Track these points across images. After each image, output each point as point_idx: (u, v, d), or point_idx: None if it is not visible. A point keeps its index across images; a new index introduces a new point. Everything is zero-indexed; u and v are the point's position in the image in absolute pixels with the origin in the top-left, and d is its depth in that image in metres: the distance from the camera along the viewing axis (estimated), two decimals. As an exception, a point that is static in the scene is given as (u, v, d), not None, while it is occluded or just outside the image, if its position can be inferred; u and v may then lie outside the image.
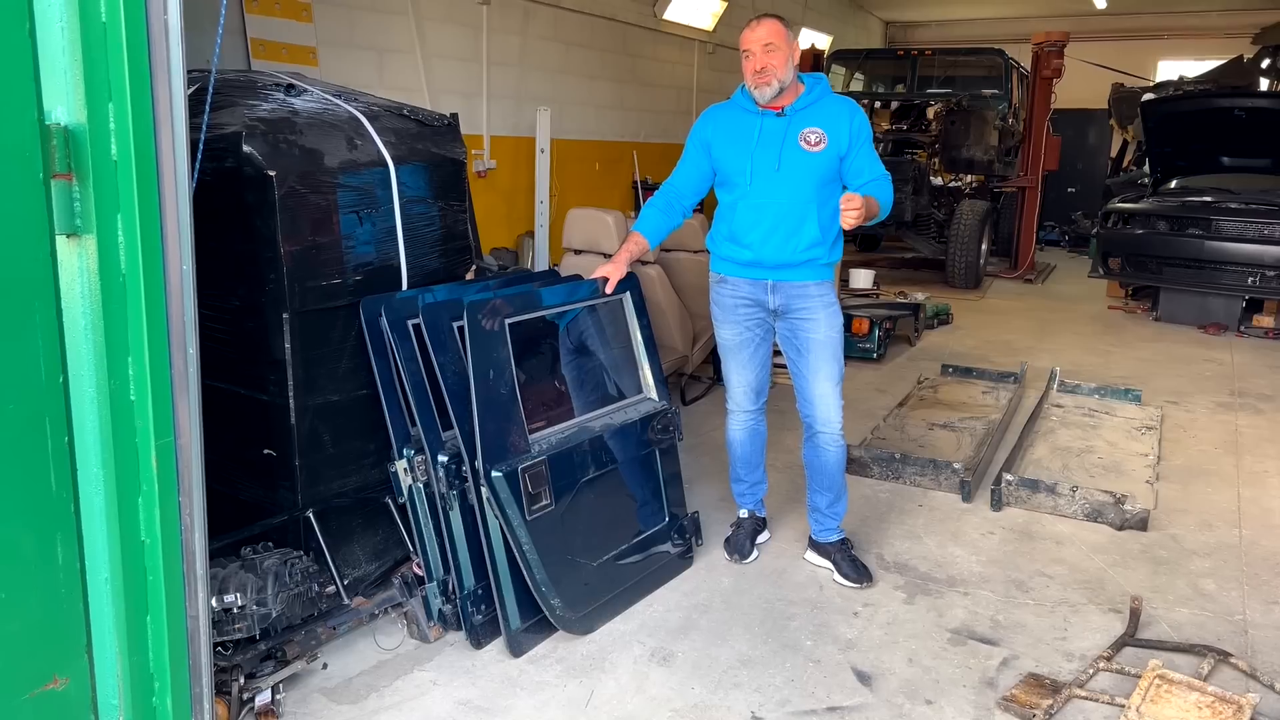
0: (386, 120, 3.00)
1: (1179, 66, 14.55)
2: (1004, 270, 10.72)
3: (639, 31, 9.74)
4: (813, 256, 3.08)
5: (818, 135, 3.01)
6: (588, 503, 2.93)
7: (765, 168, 3.04)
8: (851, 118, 3.06)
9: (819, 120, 3.02)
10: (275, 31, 5.74)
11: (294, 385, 2.73)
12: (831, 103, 3.07)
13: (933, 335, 7.45)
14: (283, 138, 2.66)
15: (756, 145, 3.05)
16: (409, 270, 3.01)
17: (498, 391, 2.70)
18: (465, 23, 7.46)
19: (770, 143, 3.04)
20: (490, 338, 2.71)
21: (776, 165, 3.03)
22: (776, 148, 3.02)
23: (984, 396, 5.59)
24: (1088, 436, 4.89)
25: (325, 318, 2.79)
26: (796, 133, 3.01)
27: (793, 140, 3.01)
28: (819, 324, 3.15)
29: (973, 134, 9.88)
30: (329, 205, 2.74)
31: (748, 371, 3.33)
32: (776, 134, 3.03)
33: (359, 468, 2.96)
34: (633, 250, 3.22)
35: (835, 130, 3.02)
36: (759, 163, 3.05)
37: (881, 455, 4.19)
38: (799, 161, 3.01)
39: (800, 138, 3.00)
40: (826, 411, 3.21)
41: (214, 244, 2.74)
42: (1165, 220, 8.01)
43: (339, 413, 2.88)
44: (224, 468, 2.96)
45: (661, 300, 4.99)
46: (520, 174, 8.24)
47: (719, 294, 3.30)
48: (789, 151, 3.01)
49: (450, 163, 3.16)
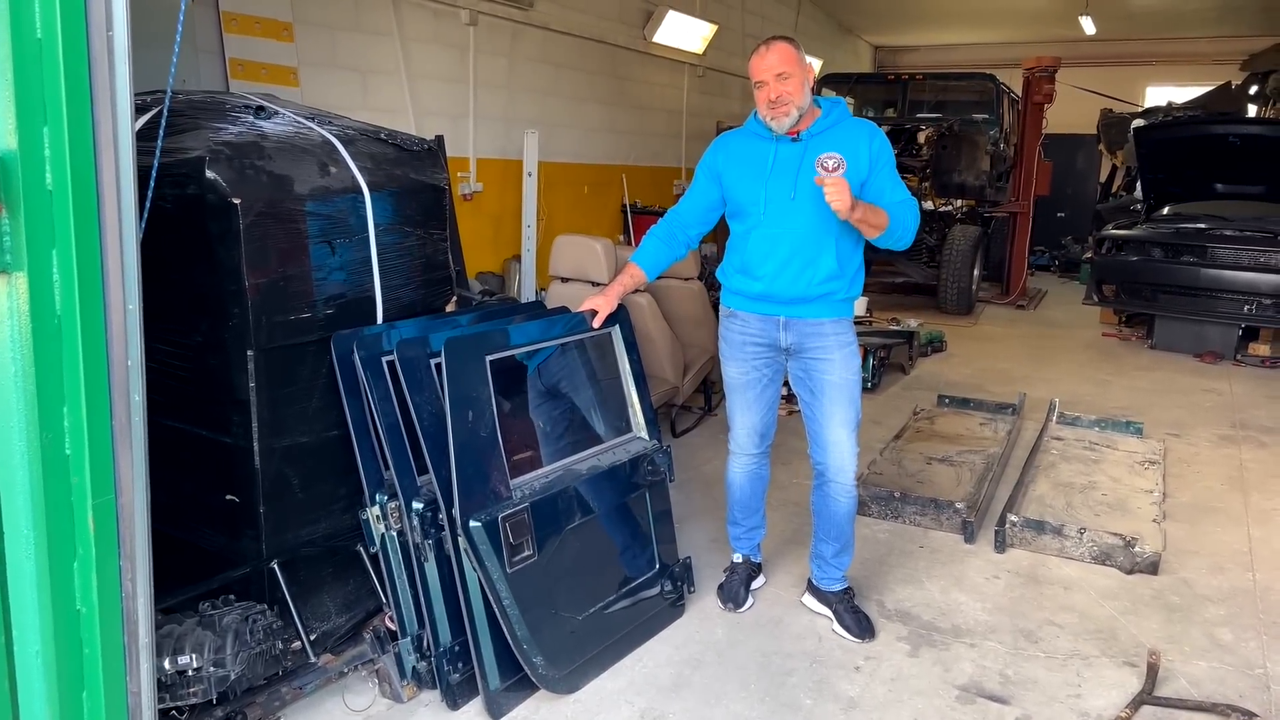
0: (362, 145, 2.84)
1: (1167, 92, 14.59)
2: (996, 296, 10.62)
3: (628, 54, 9.64)
4: (829, 291, 2.92)
5: (836, 160, 2.83)
6: (573, 551, 2.75)
7: (780, 196, 2.88)
8: (871, 140, 2.88)
9: (837, 145, 2.85)
10: (255, 51, 5.58)
11: (258, 426, 2.55)
12: (850, 126, 2.91)
13: (927, 363, 7.32)
14: (249, 163, 2.49)
15: (771, 173, 2.89)
16: (385, 303, 2.84)
17: (477, 434, 2.52)
18: (451, 44, 7.33)
19: (785, 170, 2.88)
20: (469, 376, 2.54)
21: (792, 193, 2.87)
22: (792, 175, 2.87)
23: (982, 428, 5.45)
24: (1090, 471, 4.75)
25: (294, 354, 2.62)
26: (813, 158, 2.84)
27: (809, 166, 2.84)
28: (834, 365, 2.98)
29: (964, 159, 9.80)
30: (298, 235, 2.57)
31: (752, 413, 3.16)
32: (792, 160, 2.87)
33: (329, 513, 2.77)
34: (626, 283, 3.06)
35: (854, 154, 2.85)
36: (773, 191, 2.89)
37: (880, 494, 4.03)
38: (816, 189, 2.84)
39: (817, 163, 2.82)
40: (840, 459, 3.03)
41: (175, 276, 2.58)
42: (1160, 247, 7.92)
43: (308, 455, 2.70)
44: (185, 514, 2.77)
45: (652, 329, 4.84)
46: (508, 197, 8.09)
47: (727, 329, 3.13)
48: (805, 178, 2.85)
49: (430, 189, 3.00)
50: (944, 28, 15.42)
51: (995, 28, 14.94)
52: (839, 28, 15.65)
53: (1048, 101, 10.02)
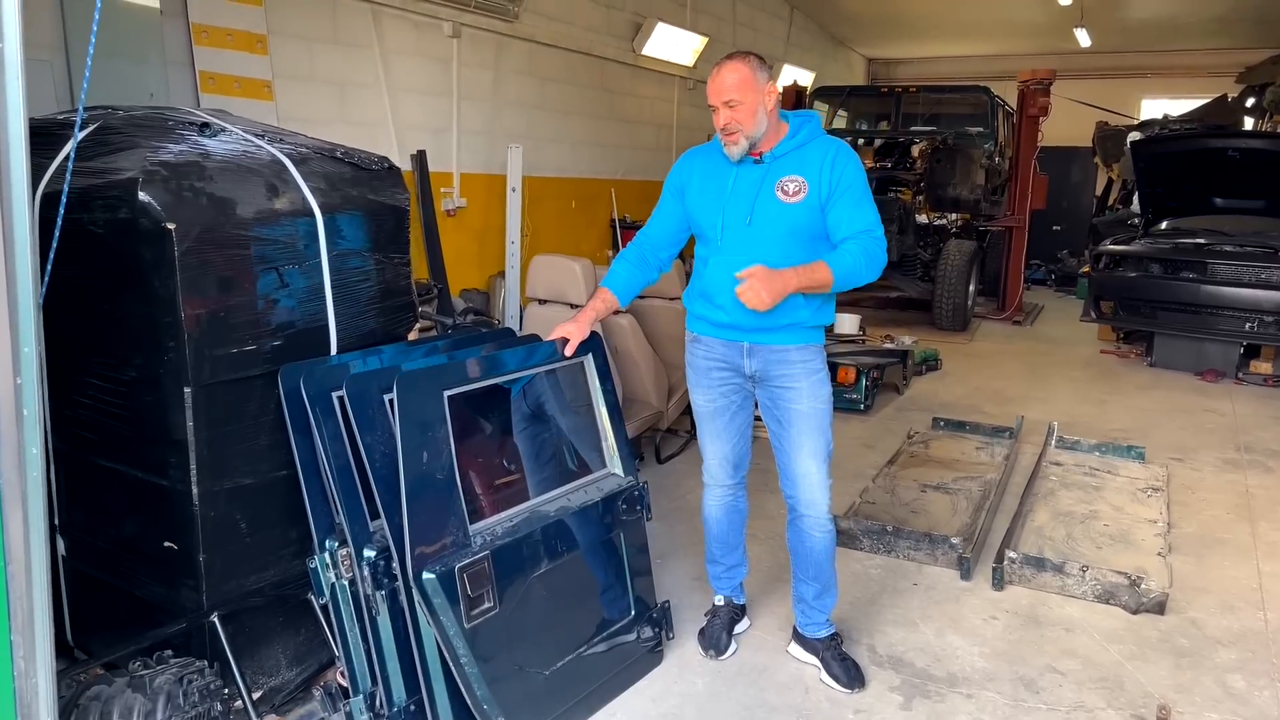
0: (316, 164, 2.66)
1: (1163, 105, 14.47)
2: (991, 311, 10.45)
3: (617, 67, 9.48)
4: (795, 321, 2.74)
5: (797, 184, 2.66)
6: (540, 601, 2.55)
7: (736, 220, 2.71)
8: (834, 162, 2.66)
9: (801, 166, 2.67)
10: (227, 64, 5.40)
11: (197, 468, 2.36)
12: (818, 146, 2.71)
13: (921, 383, 7.14)
14: (188, 184, 2.31)
15: (730, 195, 2.72)
16: (339, 332, 2.66)
17: (432, 477, 2.33)
18: (434, 56, 7.17)
19: (744, 193, 2.70)
20: (425, 414, 2.35)
21: (748, 218, 2.69)
22: (750, 198, 2.69)
23: (978, 453, 5.26)
24: (1090, 499, 4.56)
25: (237, 389, 2.43)
26: (774, 181, 2.67)
27: (768, 190, 2.67)
28: (801, 394, 2.81)
29: (959, 172, 9.65)
30: (242, 261, 2.39)
31: (723, 441, 2.98)
32: (751, 183, 2.70)
33: (278, 559, 2.58)
34: (599, 309, 2.87)
35: (815, 176, 2.67)
36: (730, 215, 2.71)
37: (872, 528, 3.83)
38: (773, 214, 2.67)
39: (777, 187, 2.66)
40: (811, 493, 2.85)
41: (107, 306, 2.40)
42: (1159, 263, 7.75)
43: (255, 497, 2.51)
44: (122, 561, 2.59)
45: (634, 351, 4.66)
46: (492, 213, 7.92)
47: (693, 355, 2.96)
48: (763, 202, 2.67)
49: (390, 210, 2.82)
50: (938, 40, 15.30)
51: (989, 40, 14.83)
52: (831, 40, 15.53)
53: (1043, 114, 9.87)
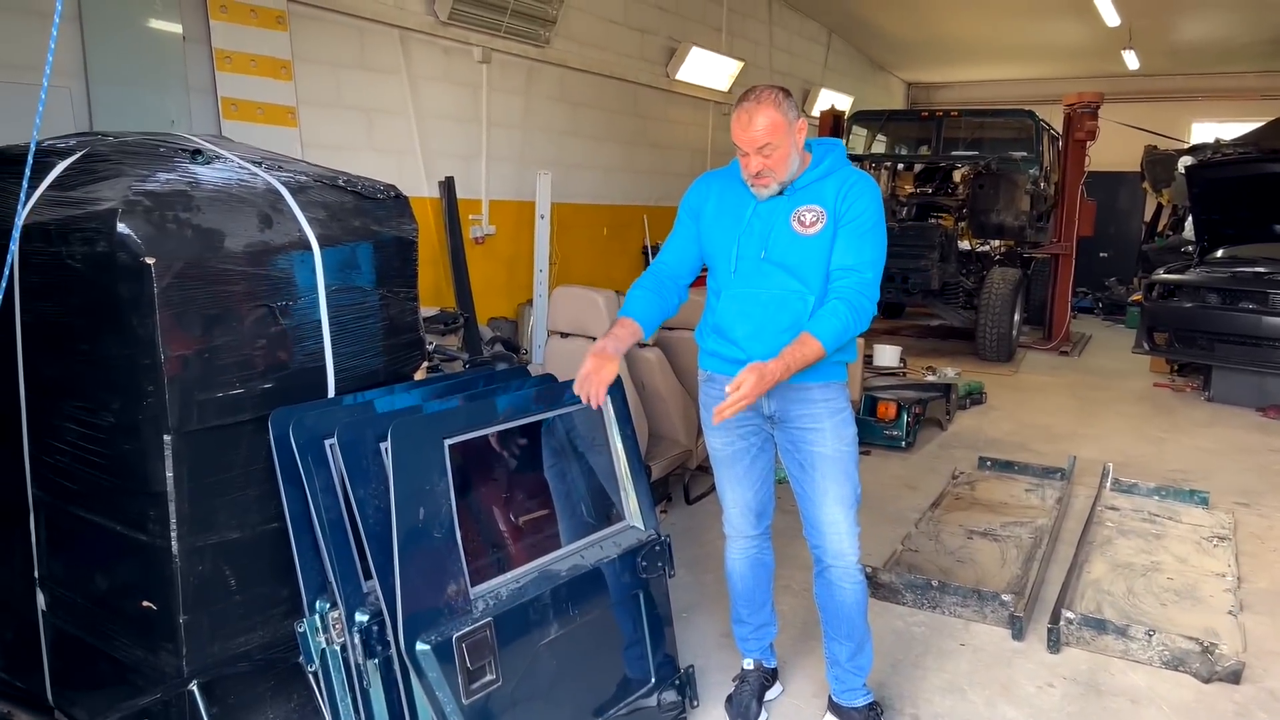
0: (315, 193, 2.49)
1: (1213, 129, 14.04)
2: (1037, 341, 10.09)
3: (650, 92, 9.34)
4: None
5: (814, 214, 2.45)
6: (549, 670, 2.33)
7: (750, 254, 2.50)
8: (849, 191, 2.45)
9: (820, 196, 2.47)
10: (250, 91, 5.31)
11: (178, 523, 2.17)
12: (838, 176, 2.50)
13: (965, 417, 6.83)
14: (172, 215, 2.14)
15: (745, 226, 2.52)
16: (338, 373, 2.47)
17: (429, 535, 2.12)
18: (463, 82, 7.06)
19: (760, 224, 2.50)
20: (423, 465, 2.15)
21: (762, 250, 2.49)
22: (765, 230, 2.49)
23: (1028, 495, 4.96)
24: (1151, 549, 4.24)
25: (224, 437, 2.24)
26: (791, 211, 2.47)
27: (784, 221, 2.47)
28: (824, 435, 2.57)
29: (1003, 198, 9.36)
30: (230, 298, 2.21)
31: (743, 488, 2.75)
32: (769, 213, 2.50)
33: (267, 619, 2.38)
34: (623, 338, 2.56)
35: (832, 206, 2.46)
36: (744, 246, 2.51)
37: (916, 582, 3.56)
38: (789, 246, 2.46)
39: (794, 217, 2.46)
40: (838, 542, 2.61)
41: (86, 346, 2.23)
42: (1216, 293, 7.39)
43: (243, 553, 2.31)
44: (100, 619, 2.40)
45: (661, 387, 4.44)
46: (522, 240, 7.77)
47: (707, 395, 2.73)
48: (779, 234, 2.47)
49: (396, 242, 2.64)
50: (980, 63, 15.03)
51: (1032, 63, 14.52)
52: (870, 64, 15.31)
53: (1090, 138, 9.56)
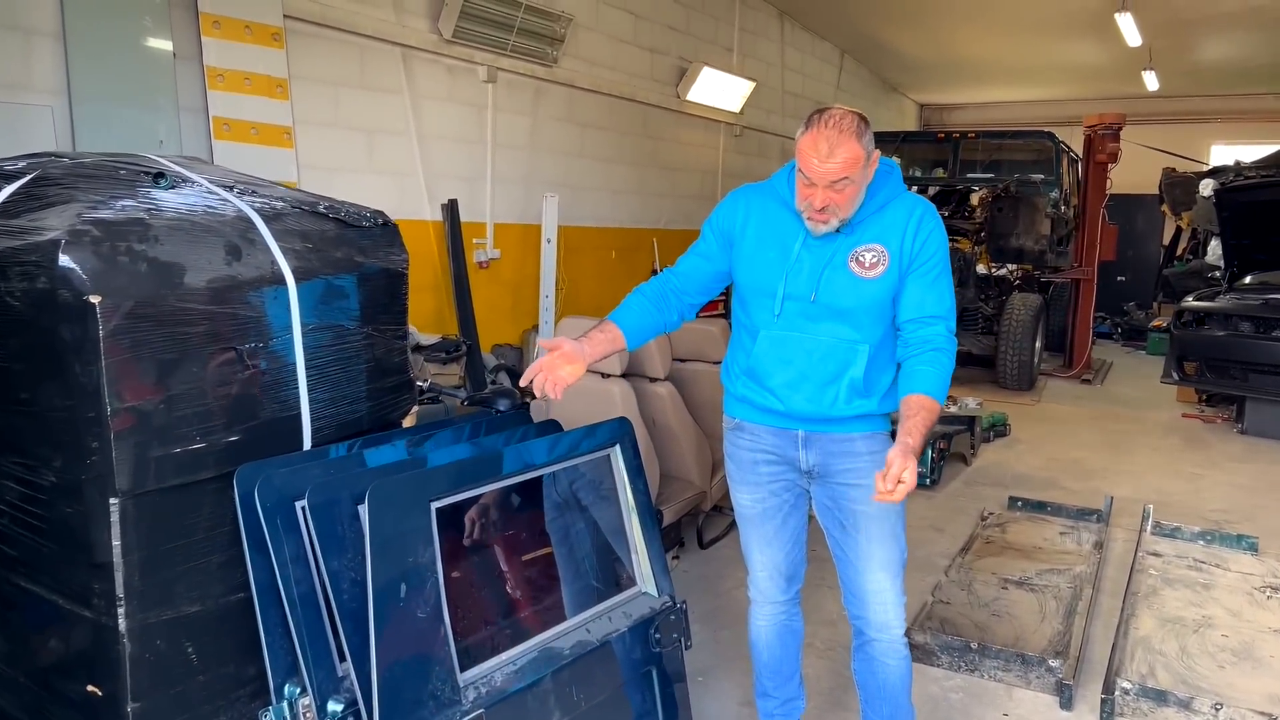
0: (292, 220, 2.23)
1: (1234, 151, 13.77)
2: (1058, 369, 9.79)
3: (660, 113, 9.11)
4: (860, 412, 2.26)
5: (875, 254, 2.19)
6: (550, 764, 2.05)
7: (800, 292, 2.23)
8: (919, 228, 2.20)
9: (881, 233, 2.21)
10: (244, 110, 5.08)
11: (126, 598, 1.90)
12: (899, 207, 2.23)
13: (990, 451, 6.53)
14: (124, 247, 1.88)
15: (795, 261, 2.24)
16: (315, 421, 2.20)
17: (412, 614, 1.85)
18: (468, 102, 6.83)
19: (813, 260, 2.23)
20: (405, 534, 1.87)
21: (813, 291, 2.22)
22: (819, 269, 2.21)
23: (1063, 539, 4.66)
24: (1200, 601, 3.94)
25: (183, 498, 1.97)
26: (849, 251, 2.20)
27: (841, 260, 2.20)
28: (868, 491, 2.29)
29: (1022, 222, 9.10)
30: (189, 340, 1.94)
31: (773, 550, 2.48)
32: (823, 250, 2.22)
33: (231, 703, 2.10)
34: (597, 342, 2.26)
35: (896, 244, 2.20)
36: (794, 285, 2.23)
37: (952, 644, 3.26)
38: (847, 289, 2.20)
39: (852, 258, 2.19)
40: (882, 613, 2.34)
41: (25, 395, 1.97)
42: (1249, 321, 7.10)
43: (204, 628, 2.04)
44: (42, 701, 2.12)
45: (674, 424, 4.17)
46: (528, 264, 7.53)
47: (734, 445, 2.46)
48: (835, 274, 2.20)
49: (383, 274, 2.38)
50: (995, 85, 14.81)
51: (1048, 84, 14.30)
52: (883, 85, 15.11)
53: (1112, 161, 9.30)
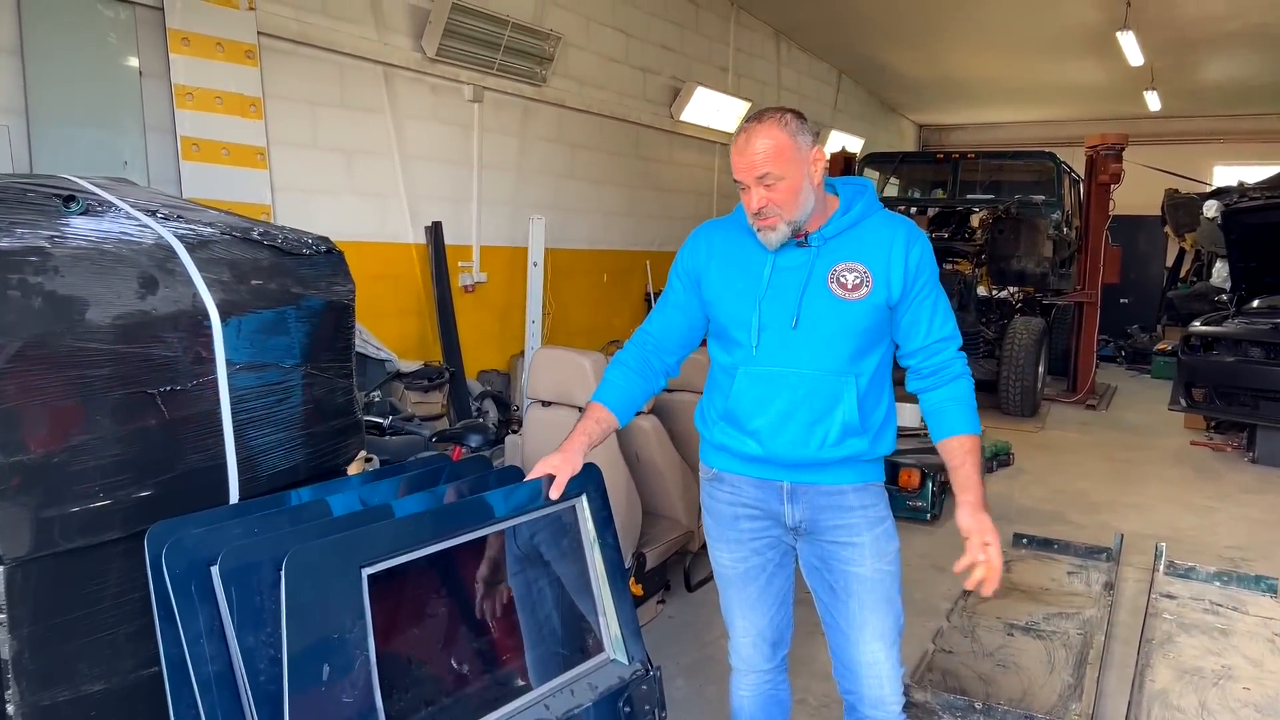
0: (220, 249, 2.02)
1: (1236, 172, 13.62)
2: (1061, 394, 9.56)
3: (653, 133, 8.95)
4: (851, 454, 2.03)
5: (857, 274, 1.99)
6: None
7: (777, 321, 2.02)
8: (907, 250, 2.02)
9: (859, 251, 2.01)
10: (214, 130, 4.89)
11: (16, 679, 1.67)
12: (878, 225, 2.05)
13: (993, 482, 6.29)
14: (17, 280, 1.67)
15: (767, 288, 2.03)
16: (243, 473, 1.98)
17: (335, 699, 1.62)
18: (453, 122, 6.65)
19: (786, 286, 2.02)
20: (330, 608, 1.65)
21: (793, 319, 2.01)
22: (795, 292, 2.01)
23: (1071, 579, 4.41)
24: (1220, 649, 3.70)
25: (84, 563, 1.75)
26: (826, 270, 2.00)
27: (819, 281, 2.00)
28: (862, 551, 2.08)
29: (1024, 243, 8.89)
30: (92, 384, 1.73)
31: (757, 614, 2.25)
32: (797, 272, 2.02)
33: (142, 791, 1.87)
34: (591, 432, 2.15)
35: (884, 266, 2.00)
36: (769, 314, 2.03)
37: (956, 703, 3.02)
38: (829, 314, 1.99)
39: (831, 278, 1.99)
40: (877, 688, 2.11)
41: (-97, 447, 1.74)
42: (1260, 346, 6.88)
43: (110, 710, 1.81)
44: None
45: (658, 459, 3.94)
46: (515, 288, 7.33)
47: (712, 498, 2.24)
48: (814, 298, 2.00)
49: (326, 308, 2.16)
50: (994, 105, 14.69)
51: (1048, 104, 14.17)
52: (882, 106, 14.98)
53: (1115, 181, 9.12)
